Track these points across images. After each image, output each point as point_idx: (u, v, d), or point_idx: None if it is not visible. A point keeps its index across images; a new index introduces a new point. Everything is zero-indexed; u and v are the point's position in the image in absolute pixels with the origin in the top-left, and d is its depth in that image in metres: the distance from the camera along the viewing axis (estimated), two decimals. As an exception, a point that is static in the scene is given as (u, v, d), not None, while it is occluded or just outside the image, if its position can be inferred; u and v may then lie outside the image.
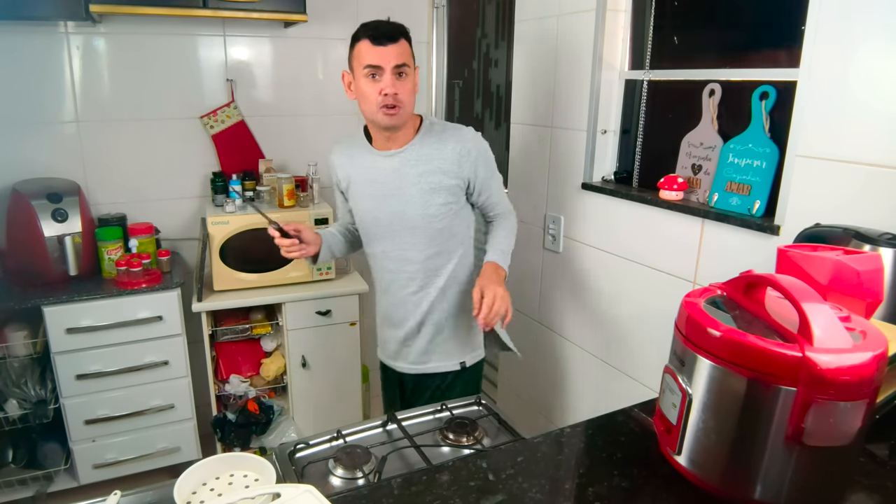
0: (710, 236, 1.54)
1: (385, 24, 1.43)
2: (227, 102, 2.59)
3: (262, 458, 1.00)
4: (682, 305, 0.83)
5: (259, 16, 2.30)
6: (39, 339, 2.17)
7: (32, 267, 2.18)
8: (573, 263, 2.04)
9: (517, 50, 2.20)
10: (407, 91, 1.44)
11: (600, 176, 1.95)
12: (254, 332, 2.51)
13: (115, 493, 0.93)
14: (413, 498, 0.84)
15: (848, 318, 0.77)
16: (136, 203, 2.53)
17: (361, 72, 1.42)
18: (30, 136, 2.33)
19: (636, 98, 1.86)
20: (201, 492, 0.93)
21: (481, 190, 1.58)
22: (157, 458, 2.36)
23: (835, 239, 1.11)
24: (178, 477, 0.90)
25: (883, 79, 1.15)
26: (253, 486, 0.95)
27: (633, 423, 1.02)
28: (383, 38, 1.40)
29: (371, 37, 1.40)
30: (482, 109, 2.71)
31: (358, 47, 1.43)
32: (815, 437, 0.70)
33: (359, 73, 1.43)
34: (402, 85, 1.43)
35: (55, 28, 2.29)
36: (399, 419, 1.22)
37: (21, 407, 2.18)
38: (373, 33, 1.40)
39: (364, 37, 1.41)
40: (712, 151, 1.60)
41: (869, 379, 0.69)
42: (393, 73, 1.41)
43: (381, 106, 1.42)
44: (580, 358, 2.06)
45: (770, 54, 1.48)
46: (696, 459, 0.80)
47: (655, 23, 1.77)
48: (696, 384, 0.78)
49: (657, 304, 1.72)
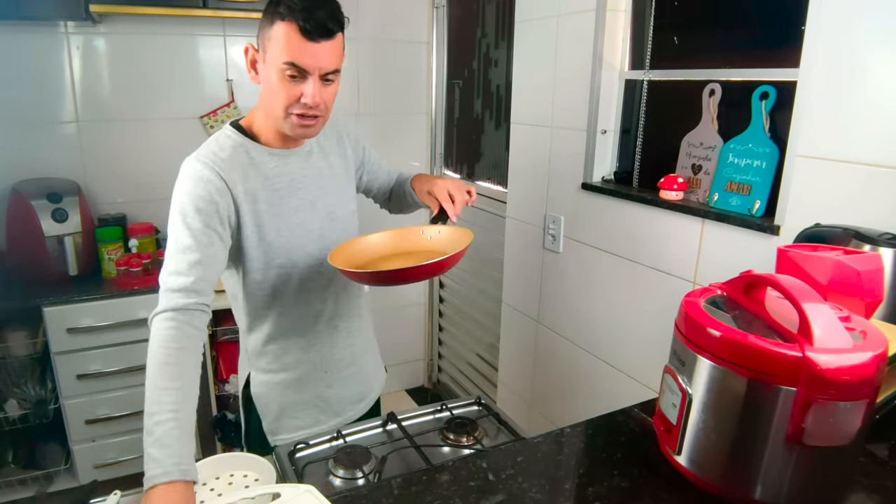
0: (710, 236, 1.54)
1: (320, 11, 1.05)
2: (227, 102, 2.59)
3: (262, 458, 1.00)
4: (682, 305, 0.83)
5: (259, 16, 2.29)
6: (39, 339, 2.17)
7: (32, 267, 2.18)
8: (573, 263, 2.04)
9: (517, 50, 2.20)
10: (331, 97, 1.14)
11: (600, 176, 1.95)
12: (254, 332, 2.51)
13: (115, 493, 0.93)
14: (413, 498, 0.84)
15: (848, 318, 0.77)
16: (136, 203, 2.53)
17: (277, 64, 1.07)
18: (30, 136, 2.33)
19: (636, 98, 1.86)
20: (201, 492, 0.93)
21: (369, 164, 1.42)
22: (157, 458, 2.36)
23: (835, 239, 1.11)
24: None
25: (883, 79, 1.15)
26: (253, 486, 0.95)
27: (633, 423, 1.02)
28: (318, 33, 1.05)
29: (303, 28, 1.04)
30: (482, 109, 2.71)
31: (279, 30, 1.06)
32: (815, 437, 0.70)
33: (272, 64, 1.08)
34: (328, 91, 1.13)
35: (55, 28, 2.29)
36: (399, 419, 1.22)
37: (21, 407, 2.18)
38: (305, 22, 1.04)
39: (291, 20, 1.04)
40: (712, 151, 1.60)
41: (869, 379, 0.69)
42: (320, 77, 1.10)
43: (297, 114, 1.11)
44: (580, 358, 2.06)
45: (770, 54, 1.48)
46: (696, 459, 0.80)
47: (655, 23, 1.77)
48: (696, 384, 0.78)
49: (657, 304, 1.72)
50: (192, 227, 1.08)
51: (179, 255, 1.07)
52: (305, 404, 1.34)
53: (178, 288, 1.04)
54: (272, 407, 1.33)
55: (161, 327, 1.01)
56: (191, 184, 1.11)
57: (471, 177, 2.85)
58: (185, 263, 1.06)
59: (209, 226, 1.09)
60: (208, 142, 1.18)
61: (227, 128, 1.21)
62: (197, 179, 1.11)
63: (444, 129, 3.02)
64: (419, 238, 1.28)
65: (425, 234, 1.28)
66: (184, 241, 1.07)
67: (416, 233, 1.28)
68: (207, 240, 1.09)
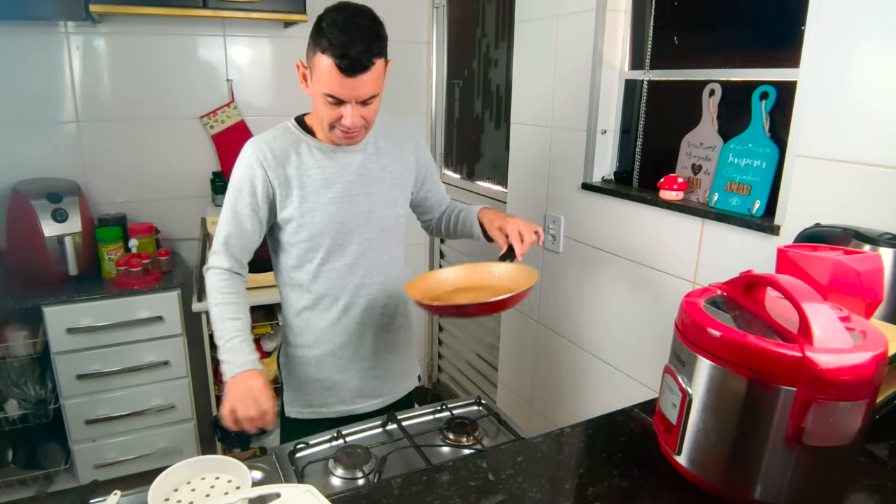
0: (710, 236, 1.54)
1: (357, 47, 1.12)
2: (227, 102, 2.59)
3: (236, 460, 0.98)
4: (682, 305, 0.83)
5: (259, 16, 2.30)
6: (39, 339, 2.17)
7: (32, 267, 2.18)
8: (573, 263, 2.04)
9: (517, 50, 2.20)
10: (373, 113, 1.24)
11: (600, 176, 1.95)
12: (254, 332, 2.51)
13: (115, 493, 0.93)
14: (413, 498, 0.84)
15: (848, 318, 0.77)
16: (136, 203, 2.53)
17: (319, 89, 1.19)
18: (30, 136, 2.33)
19: (636, 98, 1.86)
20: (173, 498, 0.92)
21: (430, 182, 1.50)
22: (157, 458, 2.36)
23: (835, 239, 1.11)
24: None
25: (883, 79, 1.15)
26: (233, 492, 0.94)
27: (633, 423, 1.02)
28: (354, 69, 1.14)
29: (340, 67, 1.13)
30: (482, 109, 2.71)
31: (320, 61, 1.15)
32: (815, 437, 0.70)
33: (316, 87, 1.20)
34: (368, 110, 1.22)
35: (55, 28, 2.29)
36: (399, 419, 1.22)
37: (21, 407, 2.18)
38: (342, 61, 1.13)
39: (330, 56, 1.13)
40: (712, 151, 1.60)
41: (869, 379, 0.69)
42: (358, 103, 1.20)
43: (340, 129, 1.24)
44: (580, 358, 2.06)
45: (770, 54, 1.48)
46: (696, 459, 0.80)
47: (655, 23, 1.77)
48: (696, 384, 0.78)
49: (657, 304, 1.72)
50: (234, 204, 1.29)
51: (224, 226, 1.30)
52: (318, 384, 1.43)
53: (222, 252, 1.30)
54: (291, 380, 1.46)
55: (216, 279, 1.29)
56: (240, 165, 1.30)
57: (471, 177, 2.85)
58: (223, 235, 1.30)
59: (251, 206, 1.29)
60: (271, 129, 1.35)
61: (291, 120, 1.36)
62: (244, 162, 1.30)
63: (444, 129, 3.02)
64: (487, 274, 1.34)
65: (493, 271, 1.34)
66: (226, 215, 1.30)
67: (486, 269, 1.35)
68: (246, 215, 1.29)
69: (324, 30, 1.14)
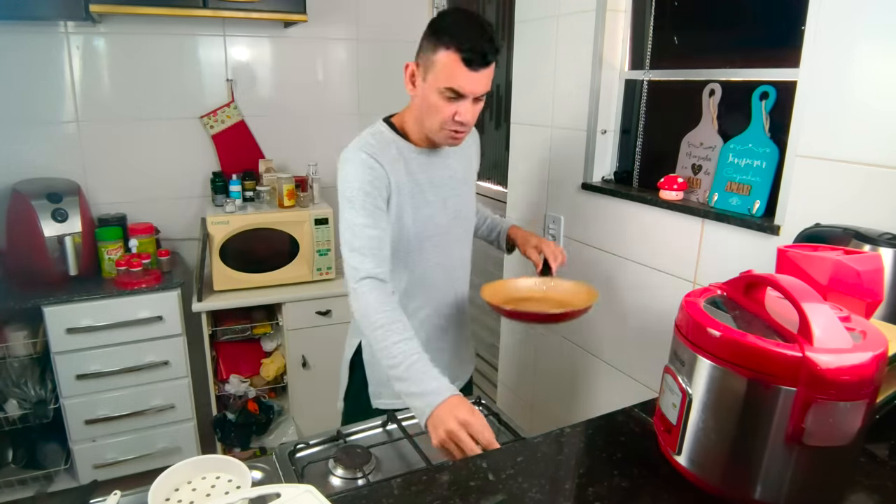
0: (710, 236, 1.54)
1: (484, 41, 1.18)
2: (227, 102, 2.59)
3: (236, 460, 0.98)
4: (682, 305, 0.83)
5: (259, 16, 2.30)
6: (39, 339, 2.17)
7: (32, 267, 2.18)
8: (573, 263, 2.04)
9: (517, 50, 2.20)
10: (478, 113, 1.28)
11: (600, 176, 1.95)
12: (254, 332, 2.51)
13: (115, 493, 0.93)
14: (413, 498, 0.84)
15: (848, 318, 0.77)
16: (136, 203, 2.53)
17: (438, 86, 1.21)
18: (30, 136, 2.34)
19: (636, 98, 1.86)
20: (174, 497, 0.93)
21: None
22: (157, 458, 2.36)
23: (835, 239, 1.11)
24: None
25: (883, 79, 1.15)
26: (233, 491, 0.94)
27: (633, 423, 1.02)
28: (479, 63, 1.18)
29: (466, 59, 1.17)
30: (482, 109, 2.71)
31: (443, 57, 1.18)
32: (815, 437, 0.70)
33: (433, 84, 1.22)
34: (478, 108, 1.27)
35: (55, 28, 2.29)
36: (399, 419, 1.22)
37: (21, 407, 2.18)
38: (469, 53, 1.16)
39: (455, 50, 1.16)
40: (712, 151, 1.60)
41: (869, 379, 0.69)
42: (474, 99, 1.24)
43: (450, 129, 1.26)
44: (580, 358, 2.06)
45: (770, 54, 1.48)
46: (696, 459, 0.80)
47: (655, 23, 1.77)
48: (696, 384, 0.78)
49: (657, 304, 1.72)
50: (365, 206, 1.24)
51: (359, 230, 1.23)
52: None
53: (367, 258, 1.21)
54: (376, 373, 1.46)
55: (369, 293, 1.19)
56: (360, 171, 1.26)
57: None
58: (364, 238, 1.22)
59: (377, 206, 1.26)
60: (363, 134, 1.34)
61: (381, 123, 1.37)
62: (364, 167, 1.26)
63: (444, 129, 3.02)
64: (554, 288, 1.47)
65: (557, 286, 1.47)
66: (359, 220, 1.23)
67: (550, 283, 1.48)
68: (379, 216, 1.26)
69: (448, 26, 1.19)
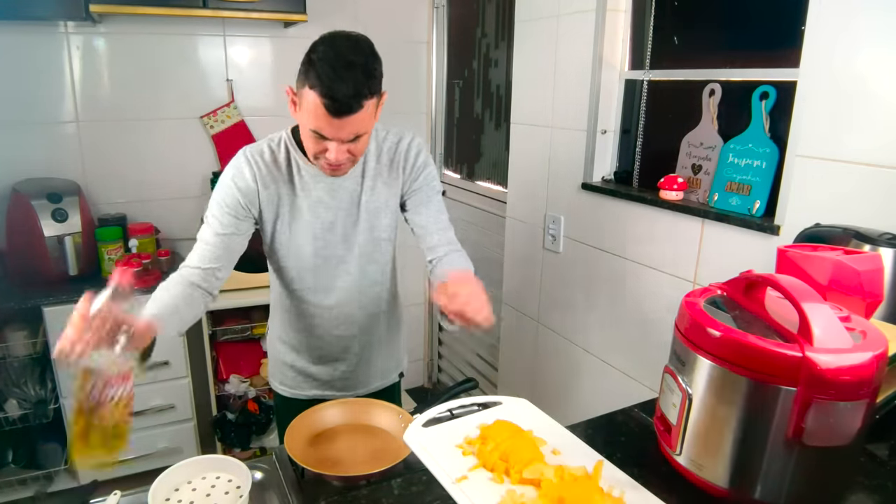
0: (710, 236, 1.54)
1: (345, 89, 1.04)
2: (227, 102, 2.59)
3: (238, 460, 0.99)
4: (682, 305, 0.83)
5: (259, 16, 2.30)
6: (39, 339, 2.17)
7: (32, 267, 2.18)
8: (573, 263, 2.04)
9: (517, 50, 2.20)
10: (362, 147, 1.17)
11: (600, 176, 1.95)
12: (254, 332, 2.51)
13: (115, 493, 0.93)
14: (413, 498, 0.84)
15: (848, 318, 0.77)
16: (136, 203, 2.53)
17: (304, 122, 1.12)
18: (30, 136, 2.33)
19: (636, 98, 1.86)
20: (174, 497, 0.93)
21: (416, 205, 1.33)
22: (157, 458, 2.36)
23: (835, 239, 1.11)
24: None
25: (883, 79, 1.15)
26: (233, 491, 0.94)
27: (633, 423, 1.02)
28: (340, 111, 1.06)
29: (327, 106, 1.05)
30: (482, 109, 2.71)
31: (308, 95, 1.07)
32: (815, 437, 0.70)
33: (301, 117, 1.13)
34: (356, 146, 1.15)
35: (55, 28, 2.29)
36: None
37: (21, 407, 2.18)
38: (329, 101, 1.04)
39: (318, 95, 1.05)
40: (712, 151, 1.60)
41: (869, 379, 0.69)
42: (344, 141, 1.12)
43: (324, 163, 1.17)
44: (580, 358, 2.06)
45: (770, 54, 1.48)
46: (696, 459, 0.80)
47: (655, 23, 1.77)
48: (696, 384, 0.78)
49: (657, 304, 1.72)
50: (216, 215, 1.23)
51: (202, 234, 1.24)
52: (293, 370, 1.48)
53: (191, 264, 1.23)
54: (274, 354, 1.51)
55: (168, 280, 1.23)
56: (227, 174, 1.24)
57: (471, 177, 2.85)
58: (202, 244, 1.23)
59: (231, 214, 1.23)
60: (266, 138, 1.28)
61: (287, 132, 1.27)
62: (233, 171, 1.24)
63: (444, 129, 3.02)
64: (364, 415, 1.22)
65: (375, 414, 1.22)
66: (205, 230, 1.24)
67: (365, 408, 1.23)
68: (227, 228, 1.23)
69: (314, 63, 1.05)
